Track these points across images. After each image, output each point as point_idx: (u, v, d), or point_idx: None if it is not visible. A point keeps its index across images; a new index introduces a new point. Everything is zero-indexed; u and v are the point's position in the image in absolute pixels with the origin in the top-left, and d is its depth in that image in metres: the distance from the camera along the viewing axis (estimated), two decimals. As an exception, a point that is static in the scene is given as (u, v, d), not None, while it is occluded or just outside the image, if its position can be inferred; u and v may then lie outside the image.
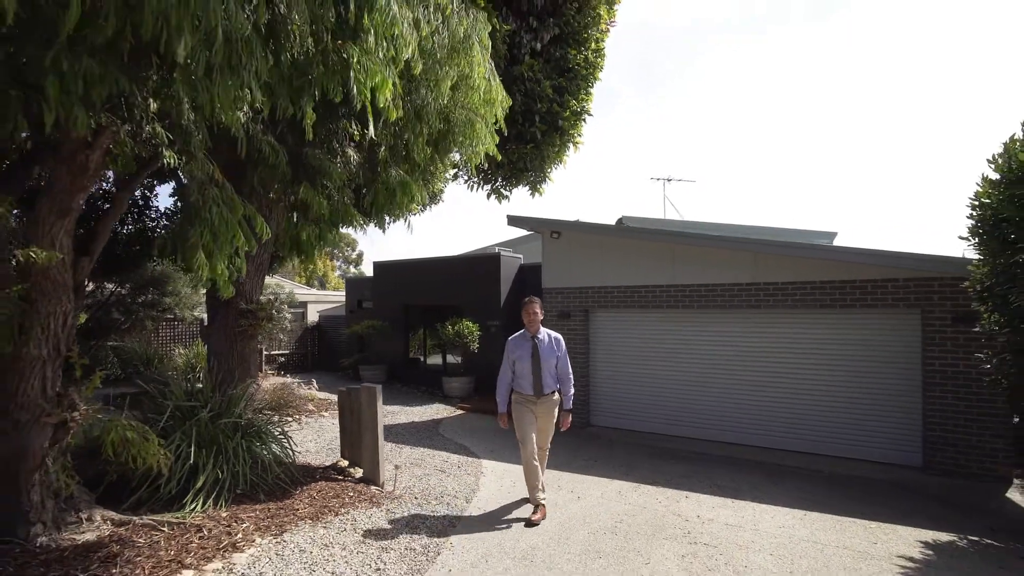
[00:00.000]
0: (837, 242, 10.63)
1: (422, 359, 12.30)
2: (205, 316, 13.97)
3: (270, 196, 3.88)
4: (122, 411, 3.81)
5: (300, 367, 14.38)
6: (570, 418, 4.59)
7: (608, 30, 6.23)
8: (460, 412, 9.01)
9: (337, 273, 41.27)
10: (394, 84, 2.57)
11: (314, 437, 6.91)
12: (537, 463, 4.40)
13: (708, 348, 7.30)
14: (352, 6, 2.44)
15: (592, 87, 6.23)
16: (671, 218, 13.63)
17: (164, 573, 2.86)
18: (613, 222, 11.78)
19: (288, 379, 9.63)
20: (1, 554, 2.87)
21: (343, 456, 5.36)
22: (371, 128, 2.60)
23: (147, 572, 2.86)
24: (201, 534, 3.34)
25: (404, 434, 7.19)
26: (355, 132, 3.66)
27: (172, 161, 2.67)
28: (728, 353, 7.14)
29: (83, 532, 3.15)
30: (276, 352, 13.87)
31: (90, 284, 7.95)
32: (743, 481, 5.34)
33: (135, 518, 3.43)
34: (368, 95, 2.46)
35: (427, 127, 3.37)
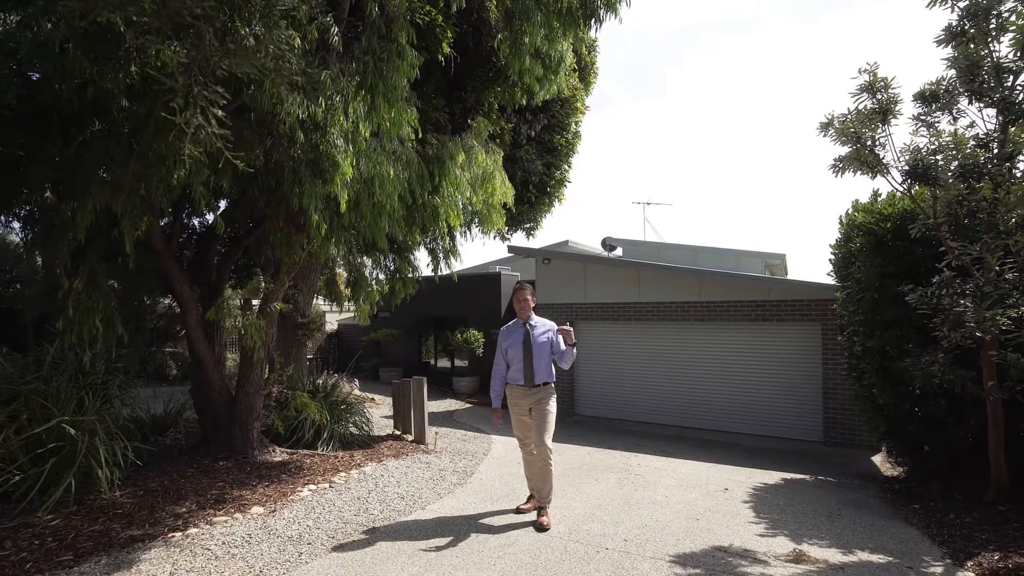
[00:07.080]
0: (789, 262, 13.53)
1: (432, 362, 15.21)
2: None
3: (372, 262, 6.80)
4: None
5: (322, 370, 17.19)
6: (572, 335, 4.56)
7: (583, 116, 9.13)
8: (469, 405, 11.91)
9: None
10: (459, 214, 5.43)
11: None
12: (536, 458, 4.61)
13: (666, 352, 10.23)
14: (437, 176, 5.33)
15: (572, 159, 9.16)
16: (650, 238, 16.49)
17: (330, 474, 5.78)
18: (599, 240, 14.68)
19: (342, 379, 12.49)
20: (245, 463, 5.80)
21: (395, 428, 8.26)
22: (447, 239, 5.47)
23: (321, 472, 5.78)
24: (338, 459, 6.29)
25: (428, 420, 10.03)
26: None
27: (335, 252, 5.52)
28: (681, 356, 10.07)
29: (273, 457, 6.06)
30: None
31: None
32: (681, 448, 8.19)
33: (298, 451, 6.34)
34: (446, 222, 5.33)
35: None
